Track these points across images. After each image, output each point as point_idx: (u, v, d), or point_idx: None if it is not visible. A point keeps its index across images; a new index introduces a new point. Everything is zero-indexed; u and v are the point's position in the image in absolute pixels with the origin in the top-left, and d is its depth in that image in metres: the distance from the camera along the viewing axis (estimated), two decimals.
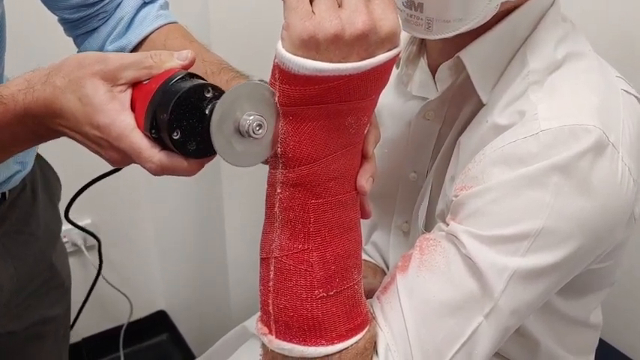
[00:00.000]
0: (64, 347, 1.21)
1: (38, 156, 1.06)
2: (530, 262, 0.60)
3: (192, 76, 0.60)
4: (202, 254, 1.74)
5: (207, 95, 0.58)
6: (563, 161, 0.60)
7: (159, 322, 1.95)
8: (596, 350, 0.87)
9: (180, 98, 0.56)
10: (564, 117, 0.62)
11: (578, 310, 0.78)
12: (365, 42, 0.54)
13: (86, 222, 1.68)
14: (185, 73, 0.60)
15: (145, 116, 0.58)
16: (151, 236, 1.85)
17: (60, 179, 1.14)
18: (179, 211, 1.74)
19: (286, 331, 0.60)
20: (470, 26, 0.65)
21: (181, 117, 0.57)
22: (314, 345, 0.60)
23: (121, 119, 0.58)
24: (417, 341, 0.61)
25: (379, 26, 0.54)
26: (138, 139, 0.58)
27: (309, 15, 0.53)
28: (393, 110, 0.85)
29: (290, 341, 0.60)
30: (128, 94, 0.60)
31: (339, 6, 0.54)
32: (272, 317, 0.61)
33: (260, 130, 0.56)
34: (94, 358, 1.83)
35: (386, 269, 0.94)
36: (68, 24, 0.91)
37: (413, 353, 0.61)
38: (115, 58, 0.60)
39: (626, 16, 1.17)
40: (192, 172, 0.61)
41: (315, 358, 0.60)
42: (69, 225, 1.03)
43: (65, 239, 1.50)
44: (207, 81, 0.60)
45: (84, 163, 0.91)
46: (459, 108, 0.75)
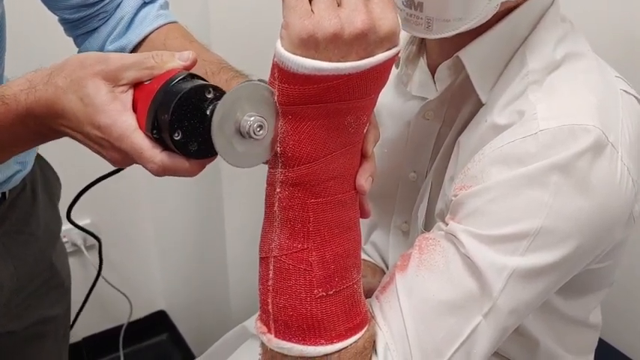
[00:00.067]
0: (64, 347, 1.20)
1: (38, 156, 1.06)
2: (529, 262, 0.60)
3: (193, 77, 0.60)
4: (202, 254, 1.74)
5: (208, 96, 0.58)
6: (562, 161, 0.60)
7: (159, 322, 1.96)
8: (595, 350, 0.87)
9: (181, 99, 0.56)
10: (563, 117, 0.62)
11: (577, 310, 0.78)
12: (364, 41, 0.54)
13: (86, 222, 1.68)
14: (186, 74, 0.59)
15: (147, 117, 0.58)
16: (151, 236, 1.85)
17: (60, 179, 1.14)
18: (179, 211, 1.74)
19: (285, 331, 0.60)
20: (470, 25, 0.65)
21: (182, 117, 0.57)
22: (313, 344, 0.60)
23: (123, 119, 0.58)
24: (416, 340, 0.61)
25: (378, 25, 0.54)
26: (139, 140, 0.58)
27: (308, 14, 0.53)
28: (393, 110, 0.85)
29: (289, 340, 0.60)
30: (130, 95, 0.60)
31: (339, 5, 0.54)
32: (271, 316, 0.61)
33: (261, 131, 0.56)
34: (94, 358, 1.83)
35: (385, 269, 0.94)
36: (68, 24, 0.91)
37: (412, 353, 0.61)
38: (117, 59, 0.60)
39: (626, 16, 1.17)
40: (193, 173, 0.61)
41: (314, 358, 0.60)
42: (69, 225, 1.03)
43: (65, 239, 1.50)
44: (208, 82, 0.60)
45: (85, 164, 0.91)
46: (459, 108, 0.75)
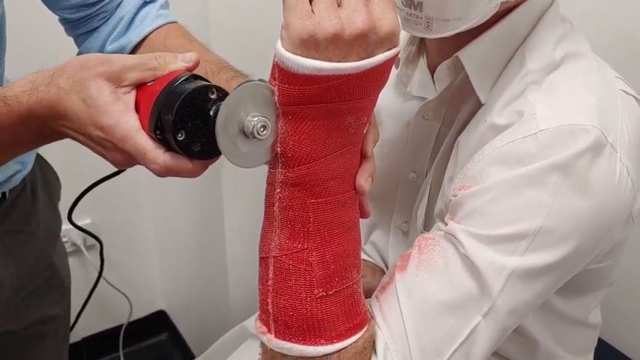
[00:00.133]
0: (64, 347, 1.21)
1: (38, 156, 1.06)
2: (528, 262, 0.60)
3: (196, 78, 0.60)
4: (202, 254, 1.74)
5: (211, 97, 0.58)
6: (561, 161, 0.60)
7: (158, 322, 1.96)
8: (595, 350, 0.87)
9: (185, 99, 0.57)
10: (563, 117, 0.62)
11: (577, 310, 0.78)
12: (364, 41, 0.54)
13: (86, 222, 1.68)
14: (189, 75, 0.60)
15: (150, 117, 0.58)
16: (151, 236, 1.85)
17: (60, 179, 1.14)
18: (179, 212, 1.74)
19: (285, 331, 0.60)
20: (469, 25, 0.65)
21: (186, 118, 0.57)
22: (313, 344, 0.60)
23: (126, 120, 0.58)
24: (416, 341, 0.61)
25: (378, 26, 0.54)
26: (142, 140, 0.58)
27: (308, 14, 0.53)
28: (392, 110, 0.85)
29: (289, 340, 0.60)
30: (132, 96, 0.60)
31: (339, 5, 0.54)
32: (271, 316, 0.61)
33: (264, 131, 0.56)
34: (94, 358, 1.83)
35: (385, 269, 0.94)
36: (69, 24, 0.91)
37: (411, 353, 0.61)
38: (119, 60, 0.60)
39: (625, 16, 1.17)
40: (196, 174, 0.61)
41: (314, 358, 0.60)
42: (68, 225, 1.03)
43: (65, 239, 1.50)
44: (211, 82, 0.60)
45: (86, 165, 0.91)
46: (458, 108, 0.75)
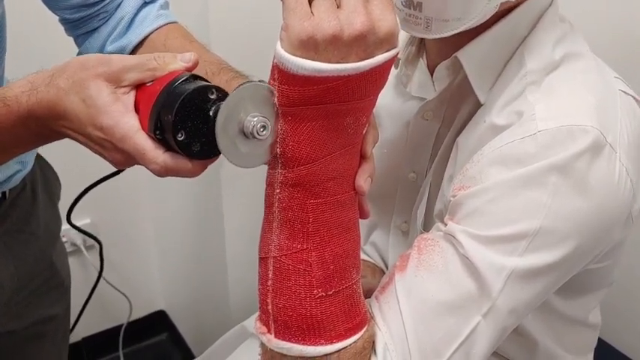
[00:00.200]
0: (64, 347, 1.21)
1: (38, 155, 1.06)
2: (527, 262, 0.60)
3: (195, 78, 0.60)
4: (202, 254, 1.74)
5: (211, 97, 0.58)
6: (560, 161, 0.60)
7: (158, 322, 1.96)
8: (595, 350, 0.87)
9: (184, 100, 0.57)
10: (562, 117, 0.62)
11: (576, 310, 0.78)
12: (363, 43, 0.54)
13: (86, 222, 1.68)
14: (189, 75, 0.60)
15: (150, 118, 0.58)
16: (151, 236, 1.85)
17: (60, 179, 1.14)
18: (179, 212, 1.74)
19: (285, 331, 0.60)
20: (468, 26, 0.65)
21: (186, 118, 0.57)
22: (313, 344, 0.60)
23: (125, 120, 0.58)
24: (415, 341, 0.61)
25: (377, 27, 0.54)
26: (142, 141, 0.58)
27: (307, 16, 0.53)
28: (392, 111, 0.85)
29: (289, 340, 0.60)
30: (132, 96, 0.60)
31: (338, 7, 0.54)
32: (271, 317, 0.61)
33: (264, 131, 0.56)
34: (94, 358, 1.83)
35: (385, 269, 0.94)
36: (69, 24, 0.91)
37: (411, 353, 0.61)
38: (119, 60, 0.60)
39: (625, 16, 1.17)
40: (195, 174, 0.61)
41: (313, 358, 0.60)
42: (68, 225, 1.03)
43: (64, 239, 1.50)
44: (211, 83, 0.60)
45: (85, 165, 0.91)
46: (457, 108, 0.76)
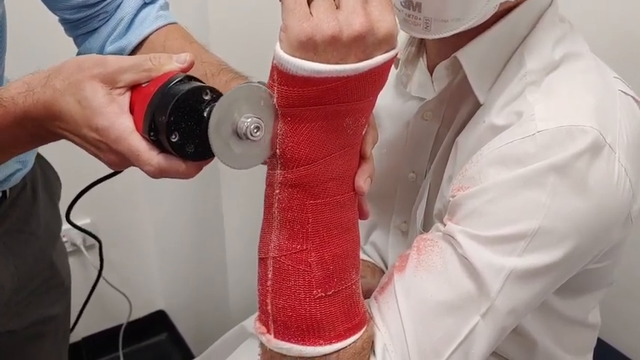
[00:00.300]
0: (64, 347, 1.21)
1: (38, 155, 1.06)
2: (526, 262, 0.61)
3: (190, 79, 0.60)
4: (201, 254, 1.74)
5: (205, 98, 0.58)
6: (560, 162, 0.60)
7: (158, 322, 1.96)
8: (594, 350, 0.87)
9: (178, 101, 0.57)
10: (561, 118, 0.62)
11: (575, 310, 0.78)
12: (362, 43, 0.54)
13: (85, 222, 1.68)
14: (184, 76, 0.60)
15: (144, 119, 0.58)
16: (151, 236, 1.85)
17: (60, 179, 1.14)
18: (178, 212, 1.74)
19: (285, 331, 0.60)
20: (468, 26, 0.65)
21: (180, 119, 0.57)
22: (312, 344, 0.60)
23: (120, 122, 0.59)
24: (415, 341, 0.61)
25: (376, 28, 0.54)
26: (136, 142, 0.59)
27: (307, 17, 0.53)
28: (392, 111, 0.85)
29: (288, 341, 0.60)
30: (127, 97, 0.60)
31: (337, 8, 0.54)
32: (270, 317, 0.61)
33: (258, 133, 0.56)
34: (94, 358, 1.83)
35: (385, 269, 0.94)
36: (69, 24, 0.91)
37: (410, 353, 0.61)
38: (114, 61, 0.60)
39: (625, 16, 1.16)
40: (190, 175, 0.61)
41: (313, 358, 0.60)
42: (68, 224, 1.03)
43: (64, 239, 1.50)
44: (205, 84, 0.60)
45: (84, 165, 0.91)
46: (457, 108, 0.76)
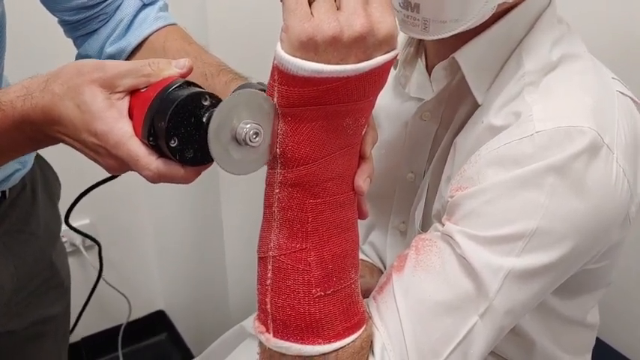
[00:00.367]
0: (64, 347, 1.21)
1: (37, 155, 1.06)
2: (525, 262, 0.61)
3: (189, 84, 0.60)
4: (201, 254, 1.74)
5: (204, 103, 0.58)
6: (558, 162, 0.60)
7: (157, 322, 1.96)
8: (593, 350, 0.88)
9: (178, 106, 0.57)
10: (559, 118, 0.62)
11: (574, 310, 0.79)
12: (363, 44, 0.54)
13: (85, 222, 1.68)
14: (183, 81, 0.60)
15: (143, 124, 0.58)
16: (150, 236, 1.85)
17: (59, 179, 1.14)
18: (178, 212, 1.74)
19: (284, 330, 0.61)
20: (466, 27, 0.65)
21: (179, 125, 0.57)
22: (311, 343, 0.60)
23: (119, 127, 0.59)
24: (413, 341, 0.61)
25: (377, 29, 0.54)
26: (135, 147, 0.59)
27: (307, 17, 0.53)
28: (390, 111, 0.86)
29: (287, 340, 0.60)
30: (126, 102, 0.60)
31: (338, 8, 0.54)
32: (270, 316, 0.61)
33: (257, 139, 0.57)
34: (93, 358, 1.83)
35: (383, 269, 0.94)
36: (68, 25, 0.91)
37: (409, 353, 0.61)
38: (113, 66, 0.60)
39: (625, 17, 1.16)
40: (188, 180, 0.61)
41: (312, 357, 0.60)
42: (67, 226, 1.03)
43: (64, 239, 1.50)
44: (204, 89, 0.60)
45: (84, 167, 0.91)
46: (455, 109, 0.76)
